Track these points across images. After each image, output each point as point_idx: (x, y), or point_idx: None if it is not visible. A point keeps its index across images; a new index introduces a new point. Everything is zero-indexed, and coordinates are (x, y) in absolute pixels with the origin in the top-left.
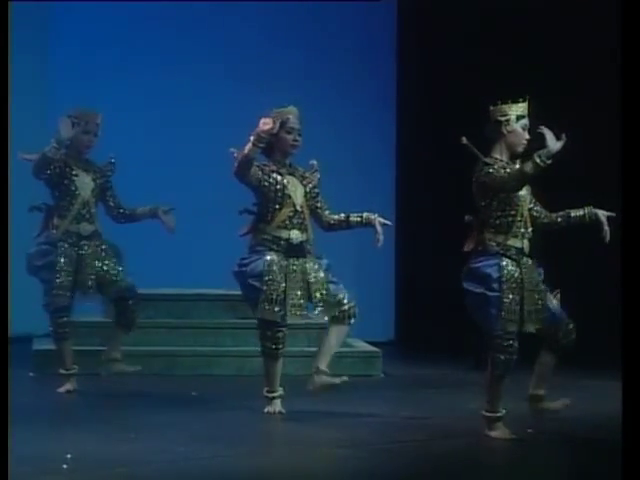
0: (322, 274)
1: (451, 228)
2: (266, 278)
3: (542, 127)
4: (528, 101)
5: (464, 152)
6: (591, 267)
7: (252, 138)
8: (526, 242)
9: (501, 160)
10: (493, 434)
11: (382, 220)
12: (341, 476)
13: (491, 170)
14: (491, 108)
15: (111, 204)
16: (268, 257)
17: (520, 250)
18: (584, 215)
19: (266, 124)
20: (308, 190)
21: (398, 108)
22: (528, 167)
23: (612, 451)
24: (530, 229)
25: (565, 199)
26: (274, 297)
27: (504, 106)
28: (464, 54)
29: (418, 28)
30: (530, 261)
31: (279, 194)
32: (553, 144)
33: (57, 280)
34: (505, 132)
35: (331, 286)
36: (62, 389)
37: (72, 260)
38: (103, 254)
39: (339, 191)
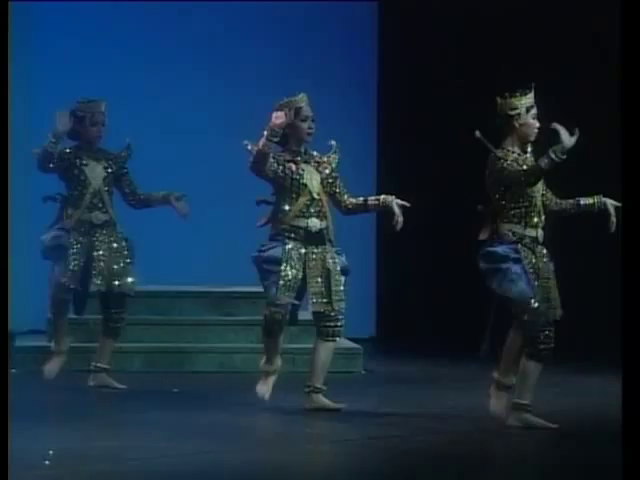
0: (338, 276)
1: (433, 225)
2: (284, 264)
3: (555, 123)
4: (534, 89)
5: (448, 145)
6: (583, 266)
7: (266, 133)
8: (540, 231)
9: (513, 152)
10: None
11: (400, 202)
12: (321, 471)
13: (505, 165)
14: (499, 101)
15: (126, 190)
16: (287, 245)
17: (535, 239)
18: (593, 203)
19: (279, 118)
20: (324, 176)
21: (379, 103)
22: (543, 163)
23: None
24: (544, 218)
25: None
26: (291, 283)
27: (513, 100)
28: (447, 48)
29: (400, 23)
30: (545, 251)
31: (295, 184)
32: (567, 139)
33: (67, 263)
34: (517, 125)
35: (334, 295)
36: (48, 367)
37: (84, 247)
38: (115, 245)
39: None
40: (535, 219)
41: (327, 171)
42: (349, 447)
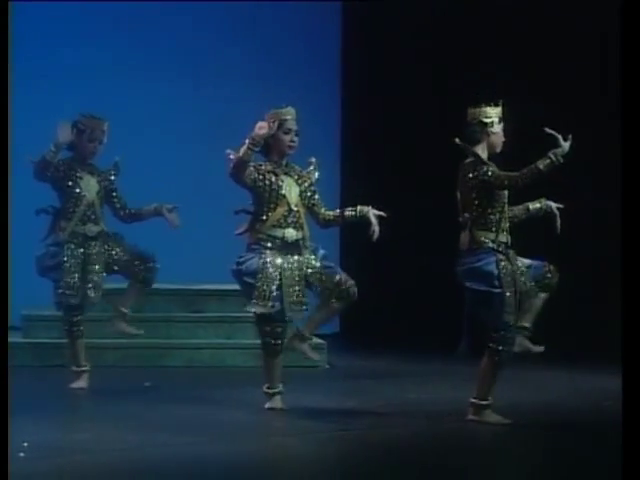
0: (318, 263)
1: (398, 223)
2: (260, 275)
3: (546, 128)
4: (502, 105)
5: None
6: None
7: (247, 141)
8: (509, 236)
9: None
10: (482, 419)
11: (376, 212)
12: (286, 463)
13: (491, 170)
14: (471, 110)
15: (117, 205)
16: (263, 255)
17: (506, 244)
18: (540, 208)
19: (262, 128)
20: (304, 189)
21: (343, 103)
22: (542, 165)
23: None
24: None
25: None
26: (267, 293)
27: (487, 108)
28: (410, 50)
29: (362, 24)
30: (511, 252)
31: (274, 194)
32: (565, 143)
33: (65, 280)
34: (490, 133)
35: (327, 271)
36: (75, 385)
37: (79, 260)
38: (109, 247)
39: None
40: (506, 224)
41: (306, 184)
42: (313, 440)
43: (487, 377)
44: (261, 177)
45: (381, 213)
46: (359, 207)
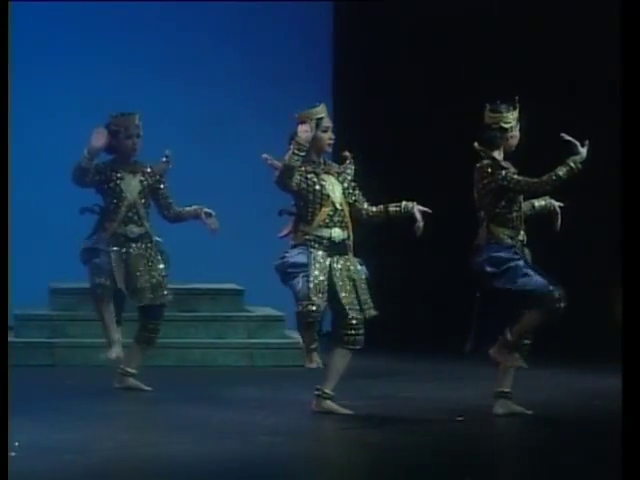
0: (364, 284)
1: (387, 223)
2: (312, 267)
3: (564, 135)
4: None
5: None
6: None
7: (293, 147)
8: (525, 235)
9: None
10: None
11: (421, 208)
12: (275, 462)
13: (510, 175)
14: (491, 114)
15: (162, 203)
16: (313, 252)
17: (522, 243)
18: (545, 205)
19: (306, 131)
20: (346, 186)
21: (334, 104)
22: (562, 172)
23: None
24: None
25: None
26: (320, 287)
27: (508, 114)
28: (403, 49)
29: (355, 24)
30: (527, 251)
31: (318, 195)
32: (582, 150)
33: (101, 281)
34: (508, 138)
35: (370, 301)
36: (111, 354)
37: (120, 263)
38: (151, 258)
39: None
40: (522, 223)
41: (347, 181)
42: (304, 439)
43: (527, 323)
44: (303, 179)
45: (426, 209)
46: (404, 203)
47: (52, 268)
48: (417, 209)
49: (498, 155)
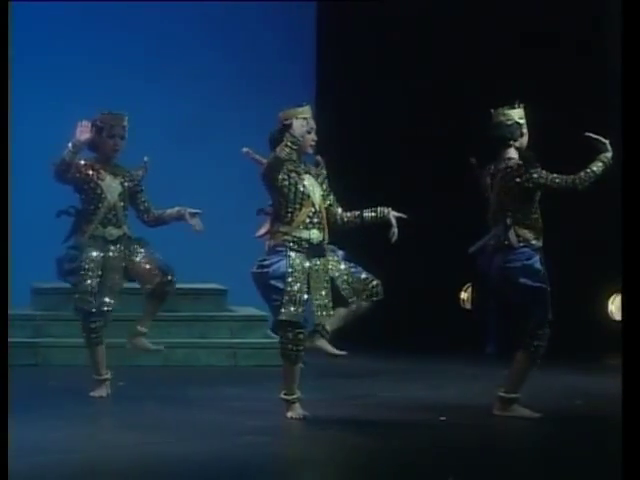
0: (343, 265)
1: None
2: (289, 279)
3: (591, 134)
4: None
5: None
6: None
7: (287, 140)
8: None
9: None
10: (510, 413)
11: (396, 214)
12: (258, 462)
13: (543, 174)
14: (504, 111)
15: (141, 207)
16: (291, 258)
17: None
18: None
19: (302, 126)
20: (324, 188)
21: (317, 105)
22: (597, 168)
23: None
24: None
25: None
26: (297, 298)
27: (519, 110)
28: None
29: (337, 26)
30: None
31: (299, 194)
32: (609, 147)
33: (83, 284)
34: (522, 134)
35: (353, 271)
36: (95, 394)
37: (98, 265)
38: (130, 252)
39: (258, 190)
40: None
41: (324, 184)
42: (285, 439)
43: (520, 372)
44: (286, 177)
45: (401, 215)
46: (379, 208)
47: (34, 268)
48: (392, 215)
49: (514, 153)
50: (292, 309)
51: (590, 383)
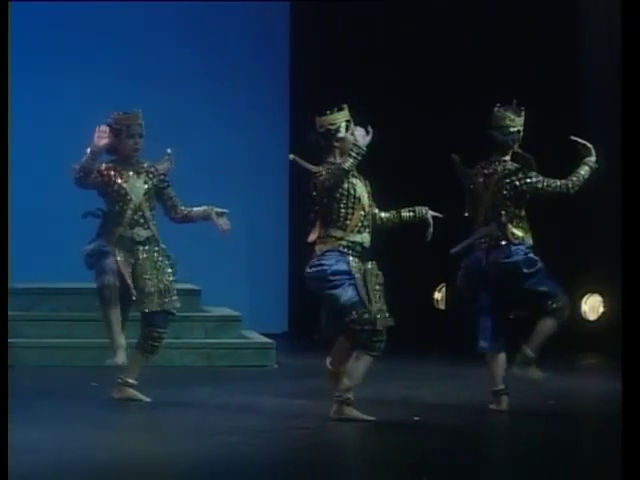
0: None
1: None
2: (355, 276)
3: (576, 138)
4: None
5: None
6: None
7: (354, 152)
8: None
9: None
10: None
11: (433, 213)
12: (230, 462)
13: (541, 179)
14: (513, 118)
15: (168, 204)
16: (349, 261)
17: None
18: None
19: (364, 136)
20: (369, 190)
21: (291, 104)
22: (584, 172)
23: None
24: None
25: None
26: (364, 299)
27: (522, 117)
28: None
29: (311, 25)
30: None
31: (351, 198)
32: (593, 151)
33: (109, 282)
34: (519, 140)
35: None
36: (115, 361)
37: (127, 266)
38: (159, 262)
39: (233, 188)
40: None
41: (368, 185)
42: (258, 439)
43: (544, 335)
44: (346, 184)
45: (437, 214)
46: (417, 208)
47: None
48: (430, 214)
49: (508, 157)
50: (364, 311)
51: (563, 383)
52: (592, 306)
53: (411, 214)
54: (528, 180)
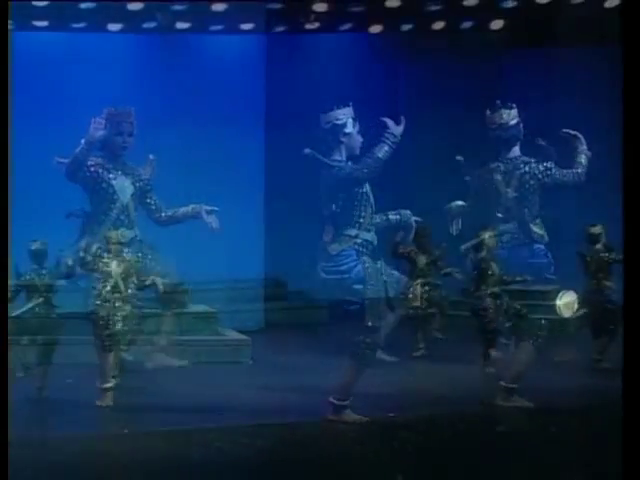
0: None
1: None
2: (368, 287)
3: (568, 130)
4: None
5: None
6: None
7: (389, 141)
8: None
9: None
10: (510, 404)
11: (416, 218)
12: (205, 456)
13: (558, 170)
14: (509, 111)
15: (152, 207)
16: (366, 263)
17: None
18: None
19: (397, 126)
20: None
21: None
22: (585, 161)
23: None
24: None
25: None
26: (375, 304)
27: (515, 109)
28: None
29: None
30: None
31: (364, 196)
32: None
33: (97, 289)
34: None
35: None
36: (102, 403)
37: (113, 268)
38: (143, 258)
39: (210, 192)
40: None
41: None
42: (233, 433)
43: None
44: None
45: (418, 219)
46: (402, 211)
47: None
48: (413, 219)
49: (518, 151)
50: (374, 313)
51: (538, 379)
52: (567, 303)
53: (397, 217)
54: (550, 171)
